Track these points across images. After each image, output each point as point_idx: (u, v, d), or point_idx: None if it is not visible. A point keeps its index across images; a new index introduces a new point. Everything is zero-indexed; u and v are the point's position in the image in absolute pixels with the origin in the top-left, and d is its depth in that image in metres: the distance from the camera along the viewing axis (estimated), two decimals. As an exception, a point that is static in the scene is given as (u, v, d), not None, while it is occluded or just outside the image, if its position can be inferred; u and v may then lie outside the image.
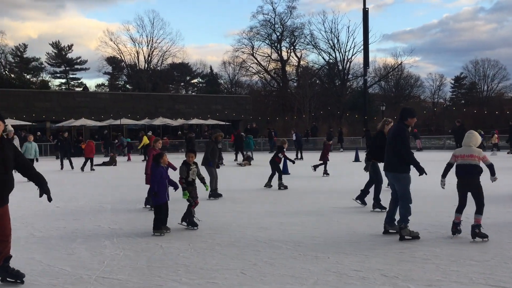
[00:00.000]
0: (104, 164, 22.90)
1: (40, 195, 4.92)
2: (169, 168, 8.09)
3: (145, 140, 24.82)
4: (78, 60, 67.77)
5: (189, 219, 7.51)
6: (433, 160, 17.67)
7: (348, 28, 72.09)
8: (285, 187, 12.38)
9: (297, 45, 64.51)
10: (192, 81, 74.55)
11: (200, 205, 8.07)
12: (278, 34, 63.77)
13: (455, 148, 11.94)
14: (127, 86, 67.73)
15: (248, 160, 21.69)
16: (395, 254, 5.77)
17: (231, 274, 5.11)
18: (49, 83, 65.67)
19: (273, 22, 63.21)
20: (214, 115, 47.08)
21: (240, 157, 23.88)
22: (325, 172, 15.71)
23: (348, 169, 18.54)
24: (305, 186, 13.09)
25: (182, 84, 73.73)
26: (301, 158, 24.70)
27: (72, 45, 68.12)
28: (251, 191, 12.22)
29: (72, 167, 20.41)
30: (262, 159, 22.43)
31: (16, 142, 15.77)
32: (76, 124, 39.28)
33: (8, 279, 4.91)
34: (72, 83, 68.65)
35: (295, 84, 66.37)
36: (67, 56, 67.35)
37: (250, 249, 6.13)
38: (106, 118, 41.88)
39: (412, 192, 6.68)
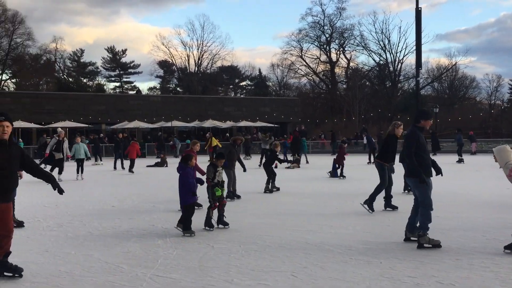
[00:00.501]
0: (156, 165, 23.55)
1: (54, 189, 5.52)
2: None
3: (214, 142, 25.13)
4: (132, 64, 70.09)
5: (206, 220, 7.67)
6: (490, 165, 16.95)
7: (400, 28, 71.00)
8: (271, 191, 12.42)
9: (346, 46, 63.87)
10: (241, 84, 75.28)
11: (249, 206, 8.13)
12: (327, 35, 63.33)
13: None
14: (178, 89, 69.25)
15: (297, 162, 21.63)
16: (451, 261, 5.59)
17: (282, 276, 5.12)
18: (104, 87, 68.26)
19: (322, 24, 62.87)
20: (263, 117, 47.24)
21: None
22: (341, 175, 15.90)
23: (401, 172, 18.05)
24: (357, 189, 12.90)
25: (231, 86, 74.60)
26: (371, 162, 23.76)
27: (126, 49, 70.61)
28: (299, 194, 12.17)
29: (123, 168, 21.04)
30: (315, 162, 22.31)
31: (66, 144, 16.54)
32: (130, 126, 40.50)
33: (5, 273, 5.16)
34: (125, 86, 71.01)
35: (344, 86, 65.64)
36: (121, 61, 69.74)
37: (301, 252, 6.11)
38: (157, 120, 42.94)
39: (462, 197, 6.44)
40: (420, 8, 37.94)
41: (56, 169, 15.94)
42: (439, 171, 6.83)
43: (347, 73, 64.54)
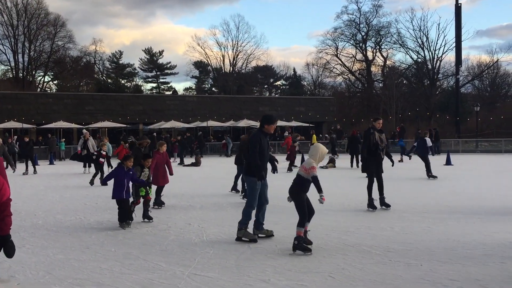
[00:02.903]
0: (192, 164, 23.87)
1: None
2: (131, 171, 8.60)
3: (314, 139, 26.21)
4: (168, 65, 71.12)
5: (143, 213, 8.51)
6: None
7: (439, 25, 69.34)
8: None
9: (383, 44, 62.70)
10: (276, 83, 75.22)
11: (287, 207, 8.08)
12: (363, 33, 62.43)
13: None
14: (213, 89, 69.84)
15: (332, 162, 21.42)
16: (495, 264, 5.40)
17: (319, 277, 5.07)
18: (142, 87, 69.60)
19: (358, 22, 62.00)
20: (298, 116, 47.06)
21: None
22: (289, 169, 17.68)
23: (442, 173, 17.64)
24: (394, 190, 12.65)
25: (266, 86, 74.63)
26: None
27: (163, 51, 71.69)
28: (333, 193, 12.03)
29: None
30: (348, 161, 22.01)
31: (91, 142, 19.15)
32: (166, 126, 41.10)
33: None
34: (162, 87, 72.15)
35: (380, 84, 64.53)
36: (158, 62, 70.91)
37: (338, 253, 6.04)
38: (193, 120, 43.42)
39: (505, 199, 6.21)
40: (460, 4, 36.62)
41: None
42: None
43: (384, 72, 63.42)
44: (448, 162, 21.02)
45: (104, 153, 16.69)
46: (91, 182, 14.96)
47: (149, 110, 44.12)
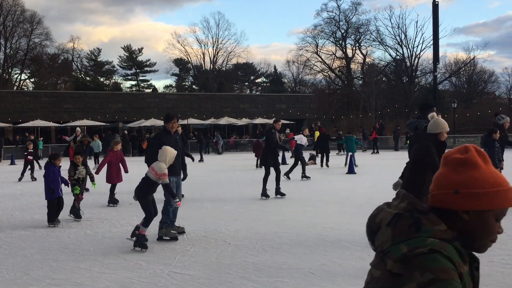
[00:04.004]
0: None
1: None
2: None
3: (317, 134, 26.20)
4: (148, 63, 70.49)
5: (74, 212, 8.53)
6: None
7: (417, 23, 69.49)
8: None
9: (362, 42, 63.29)
10: (256, 81, 75.24)
11: (267, 204, 8.11)
12: (342, 31, 62.87)
13: None
14: (194, 86, 69.52)
15: (312, 159, 21.55)
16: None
17: (300, 273, 5.10)
18: (121, 85, 68.87)
19: (338, 20, 62.40)
20: (278, 114, 47.13)
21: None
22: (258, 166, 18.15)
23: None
24: (373, 185, 12.81)
25: (246, 83, 74.62)
26: None
27: (142, 48, 71.12)
28: (316, 191, 12.12)
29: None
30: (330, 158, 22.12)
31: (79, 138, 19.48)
32: (146, 124, 40.78)
33: None
34: (142, 84, 71.49)
35: (360, 82, 65.13)
36: (137, 59, 70.25)
37: (318, 249, 6.09)
38: (174, 118, 43.15)
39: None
40: (437, 1, 37.21)
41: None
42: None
43: (363, 69, 64.03)
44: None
45: (31, 151, 16.96)
46: (19, 179, 16.14)
47: (129, 108, 43.70)
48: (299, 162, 14.98)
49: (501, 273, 4.90)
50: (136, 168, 13.52)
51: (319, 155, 20.03)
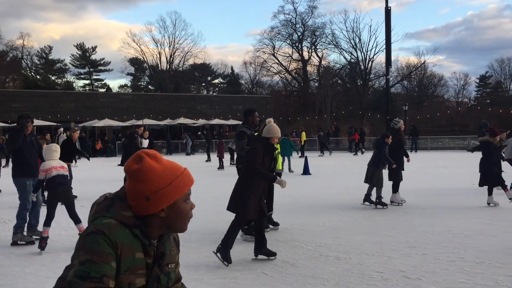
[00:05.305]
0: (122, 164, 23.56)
1: None
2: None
3: (304, 136, 26.82)
4: (102, 62, 68.84)
5: None
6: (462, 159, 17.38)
7: (370, 27, 71.94)
8: None
9: (318, 44, 64.31)
10: (213, 82, 74.94)
11: (224, 205, 8.08)
12: (299, 33, 63.66)
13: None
14: (149, 86, 68.47)
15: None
16: (418, 256, 5.70)
17: (253, 274, 5.12)
18: (74, 84, 66.93)
19: (294, 22, 63.11)
20: (235, 115, 47.19)
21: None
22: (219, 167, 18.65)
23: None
24: (328, 186, 13.03)
25: (203, 84, 74.16)
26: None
27: (96, 46, 69.21)
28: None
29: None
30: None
31: (63, 138, 19.46)
32: (99, 124, 39.85)
33: None
34: (95, 84, 69.74)
35: (316, 84, 66.14)
36: (91, 58, 68.46)
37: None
38: (128, 118, 42.39)
39: (427, 192, 6.59)
40: (390, 7, 38.22)
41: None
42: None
43: (319, 71, 65.04)
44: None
45: None
46: None
47: (81, 107, 42.55)
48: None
49: (446, 270, 5.09)
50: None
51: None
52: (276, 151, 6.31)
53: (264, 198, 5.96)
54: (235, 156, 9.60)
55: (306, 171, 16.43)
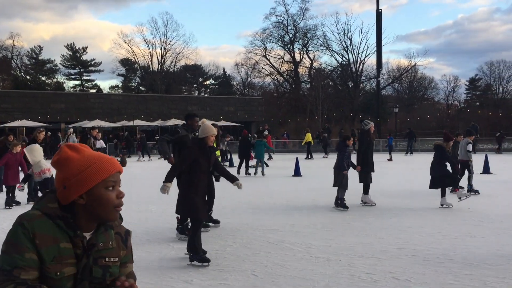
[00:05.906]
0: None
1: None
2: None
3: (308, 138, 25.79)
4: (93, 62, 68.47)
5: None
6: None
7: (361, 29, 72.22)
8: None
9: (309, 46, 64.58)
10: (205, 83, 74.86)
11: (213, 207, 8.07)
12: (290, 35, 63.87)
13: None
14: (141, 87, 68.21)
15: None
16: (408, 257, 5.72)
17: (243, 275, 5.12)
18: (64, 85, 66.47)
19: (286, 24, 63.35)
20: (227, 116, 47.16)
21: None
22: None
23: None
24: (319, 188, 13.04)
25: (195, 85, 74.03)
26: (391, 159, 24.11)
27: (86, 47, 68.84)
28: (260, 193, 12.20)
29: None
30: (278, 161, 22.25)
31: (72, 139, 20.06)
32: (90, 125, 39.58)
33: None
34: (86, 84, 69.34)
35: (307, 85, 66.32)
36: (81, 58, 68.07)
37: (262, 251, 6.13)
38: (119, 119, 42.19)
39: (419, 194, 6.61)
40: (381, 10, 38.53)
41: None
42: None
43: (311, 73, 65.26)
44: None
45: None
46: None
47: (72, 108, 42.27)
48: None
49: (435, 272, 5.12)
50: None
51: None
52: (217, 152, 6.32)
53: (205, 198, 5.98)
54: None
55: (297, 173, 16.46)
